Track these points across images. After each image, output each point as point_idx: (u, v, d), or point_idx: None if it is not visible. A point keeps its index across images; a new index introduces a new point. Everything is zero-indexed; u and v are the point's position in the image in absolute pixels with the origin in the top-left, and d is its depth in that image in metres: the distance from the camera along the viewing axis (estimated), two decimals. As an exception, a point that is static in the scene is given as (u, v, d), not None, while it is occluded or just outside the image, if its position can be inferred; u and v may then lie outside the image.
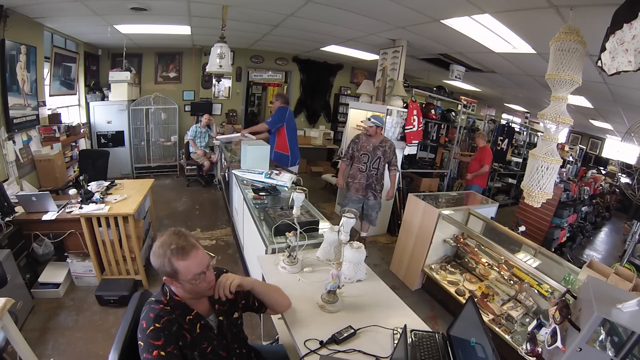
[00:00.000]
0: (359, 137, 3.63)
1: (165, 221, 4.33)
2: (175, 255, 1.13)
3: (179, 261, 1.13)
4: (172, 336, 1.12)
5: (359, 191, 3.64)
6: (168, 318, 1.14)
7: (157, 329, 1.10)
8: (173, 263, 1.13)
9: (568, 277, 2.40)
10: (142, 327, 1.11)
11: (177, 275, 1.14)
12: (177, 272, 1.13)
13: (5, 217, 2.58)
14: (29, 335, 2.25)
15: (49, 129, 4.09)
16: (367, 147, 3.56)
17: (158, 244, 1.15)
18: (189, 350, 1.17)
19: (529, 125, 7.28)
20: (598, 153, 9.84)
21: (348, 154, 3.68)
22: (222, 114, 6.95)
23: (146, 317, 1.13)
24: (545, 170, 2.06)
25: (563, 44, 1.89)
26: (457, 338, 1.36)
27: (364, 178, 3.60)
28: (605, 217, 7.23)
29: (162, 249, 1.14)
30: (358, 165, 3.61)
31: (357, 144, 3.61)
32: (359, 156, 3.59)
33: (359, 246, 1.75)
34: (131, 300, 1.35)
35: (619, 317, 0.99)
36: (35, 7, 3.28)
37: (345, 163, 3.73)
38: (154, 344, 1.08)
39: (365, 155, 3.56)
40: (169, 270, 1.14)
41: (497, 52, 3.76)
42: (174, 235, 1.16)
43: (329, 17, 3.63)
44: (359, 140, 3.61)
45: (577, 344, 1.01)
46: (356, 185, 3.64)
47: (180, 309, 1.19)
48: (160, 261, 1.14)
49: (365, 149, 3.56)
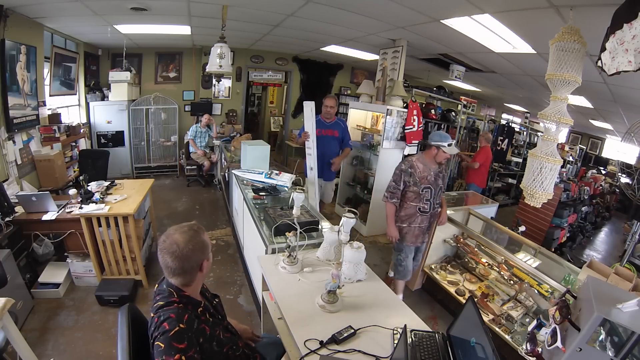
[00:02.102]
0: (414, 166, 2.59)
1: (165, 221, 4.33)
2: (200, 231, 1.23)
3: (204, 234, 1.24)
4: (194, 337, 1.11)
5: (419, 237, 2.74)
6: (188, 315, 1.13)
7: (181, 330, 1.08)
8: (204, 239, 1.22)
9: (568, 277, 2.40)
10: (164, 329, 1.07)
11: (209, 249, 1.25)
12: (209, 245, 1.25)
13: (5, 217, 2.59)
14: (29, 335, 2.25)
15: (49, 129, 4.09)
16: (428, 177, 2.59)
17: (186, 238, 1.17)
18: (209, 343, 1.17)
19: (529, 125, 7.28)
20: (598, 153, 9.84)
21: (398, 191, 2.62)
22: (222, 114, 6.95)
23: (167, 319, 1.09)
24: (549, 171, 2.06)
25: (563, 44, 1.89)
26: (457, 338, 1.36)
27: (426, 220, 2.69)
28: (605, 217, 7.23)
29: (193, 237, 1.18)
30: (417, 205, 2.62)
31: (413, 175, 2.57)
32: (417, 191, 2.59)
33: (359, 246, 1.75)
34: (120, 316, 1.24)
35: (619, 317, 0.99)
36: (35, 7, 3.28)
37: (394, 203, 2.64)
38: (178, 346, 1.04)
39: (428, 189, 2.59)
40: (206, 249, 1.22)
41: (497, 52, 3.76)
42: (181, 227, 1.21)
43: (329, 17, 3.62)
44: (416, 170, 2.58)
45: (577, 344, 1.01)
46: (415, 231, 2.69)
47: (191, 304, 1.19)
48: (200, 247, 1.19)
49: (427, 181, 2.59)
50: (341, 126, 3.85)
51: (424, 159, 2.63)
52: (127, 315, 1.23)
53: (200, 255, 1.19)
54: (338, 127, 3.83)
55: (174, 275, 1.17)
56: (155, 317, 1.13)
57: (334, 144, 3.81)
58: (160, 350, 1.04)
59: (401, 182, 2.59)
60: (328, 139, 3.74)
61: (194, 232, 1.20)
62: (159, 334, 1.07)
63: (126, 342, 1.15)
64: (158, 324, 1.09)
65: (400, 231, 2.69)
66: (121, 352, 1.14)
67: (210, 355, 1.18)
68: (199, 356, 1.10)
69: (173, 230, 1.19)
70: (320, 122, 3.70)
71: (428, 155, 2.63)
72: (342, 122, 3.91)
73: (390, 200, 2.63)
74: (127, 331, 1.18)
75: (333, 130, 3.78)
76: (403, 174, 2.59)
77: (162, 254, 1.16)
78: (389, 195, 2.64)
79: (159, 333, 1.08)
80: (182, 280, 1.18)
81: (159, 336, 1.07)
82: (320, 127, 3.63)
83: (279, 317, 1.71)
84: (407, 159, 2.68)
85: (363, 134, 4.87)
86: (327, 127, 3.75)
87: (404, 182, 2.59)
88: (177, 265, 1.15)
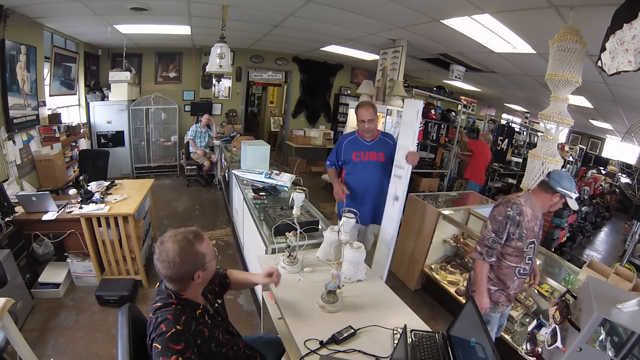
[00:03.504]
0: (523, 212, 1.81)
1: (165, 221, 4.33)
2: (197, 241, 1.18)
3: (201, 244, 1.19)
4: (191, 338, 1.11)
5: (511, 301, 2.05)
6: (186, 317, 1.13)
7: (178, 332, 1.08)
8: (199, 249, 1.18)
9: (568, 277, 2.40)
10: (161, 330, 1.08)
11: (205, 259, 1.19)
12: (205, 256, 1.19)
13: (5, 217, 2.58)
14: (29, 335, 2.25)
15: (49, 129, 4.09)
16: (534, 228, 1.86)
17: (175, 249, 1.13)
18: (207, 344, 1.17)
19: (529, 125, 7.28)
20: (598, 153, 9.83)
21: (498, 246, 1.86)
22: (222, 114, 6.95)
23: (164, 321, 1.10)
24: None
25: (563, 44, 1.89)
26: (457, 338, 1.36)
27: (520, 282, 1.98)
28: (605, 217, 7.23)
29: (186, 247, 1.15)
30: (517, 266, 1.88)
31: (520, 225, 1.81)
32: (522, 248, 1.84)
33: (359, 246, 1.75)
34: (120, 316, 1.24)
35: (619, 317, 0.99)
36: (35, 7, 3.28)
37: (491, 262, 1.89)
38: (174, 348, 1.05)
39: (532, 244, 1.88)
40: (200, 260, 1.17)
41: (497, 52, 3.76)
42: (176, 235, 1.18)
43: (329, 17, 3.62)
44: (524, 218, 1.81)
45: (577, 344, 1.01)
46: (510, 295, 1.97)
47: (189, 306, 1.19)
48: (191, 258, 1.16)
49: (533, 233, 1.86)
50: (390, 144, 2.57)
51: (533, 203, 1.86)
52: (128, 315, 1.23)
53: (190, 267, 1.15)
54: (384, 146, 2.57)
55: (167, 281, 1.18)
56: (153, 317, 1.13)
57: (380, 172, 2.56)
58: (158, 351, 1.05)
59: (505, 233, 1.82)
60: (370, 165, 2.56)
61: (187, 242, 1.15)
62: (156, 335, 1.08)
63: (126, 341, 1.15)
64: (155, 325, 1.10)
65: (492, 295, 1.95)
66: (121, 351, 1.14)
67: (209, 356, 1.18)
68: (197, 357, 1.10)
69: (167, 237, 1.17)
70: (355, 143, 2.62)
71: (541, 200, 1.85)
72: (389, 138, 2.63)
73: (488, 258, 1.86)
74: (127, 331, 1.18)
75: (377, 153, 2.56)
76: (509, 223, 1.80)
77: (155, 259, 1.16)
78: (485, 252, 1.86)
79: (156, 334, 1.08)
80: (175, 286, 1.18)
81: (156, 337, 1.08)
82: (355, 148, 2.59)
83: (279, 317, 1.71)
84: (513, 201, 1.84)
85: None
86: (367, 148, 2.57)
87: (508, 234, 1.83)
88: (167, 274, 1.14)
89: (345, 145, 2.65)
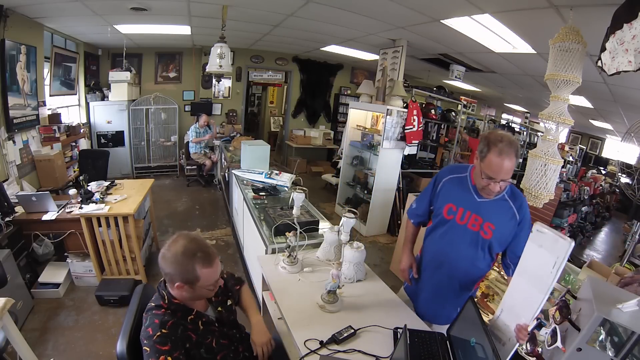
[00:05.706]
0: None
1: (165, 221, 4.33)
2: (201, 262, 1.12)
3: (203, 269, 1.13)
4: (178, 340, 1.12)
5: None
6: (173, 322, 1.14)
7: (164, 335, 1.10)
8: (197, 270, 1.12)
9: (568, 277, 2.40)
10: (148, 333, 1.10)
11: (197, 282, 1.13)
12: (199, 279, 1.13)
13: (5, 217, 2.59)
14: (29, 335, 2.25)
15: (49, 129, 4.09)
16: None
17: (178, 250, 1.12)
18: (196, 349, 1.18)
19: (529, 125, 7.28)
20: (598, 153, 9.83)
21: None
22: (222, 114, 6.95)
23: (151, 324, 1.12)
24: (552, 172, 2.06)
25: (563, 44, 1.89)
26: (457, 338, 1.36)
27: None
28: (605, 217, 7.23)
29: (184, 256, 1.11)
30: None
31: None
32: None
33: (359, 246, 1.75)
34: (133, 296, 1.36)
35: (619, 317, 0.99)
36: (35, 7, 3.28)
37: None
38: (161, 349, 1.08)
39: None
40: (189, 277, 1.12)
41: (497, 52, 3.75)
42: (194, 241, 1.15)
43: (328, 17, 3.62)
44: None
45: (577, 344, 1.01)
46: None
47: (180, 311, 1.19)
48: (182, 268, 1.11)
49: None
50: (511, 213, 1.50)
51: None
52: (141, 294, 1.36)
53: (174, 274, 1.13)
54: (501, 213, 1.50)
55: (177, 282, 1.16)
56: (144, 317, 1.17)
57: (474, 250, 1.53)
58: (147, 354, 1.09)
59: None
60: (464, 233, 1.54)
61: (191, 255, 1.12)
62: (143, 338, 1.11)
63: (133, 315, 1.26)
64: (144, 329, 1.13)
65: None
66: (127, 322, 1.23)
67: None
68: (185, 358, 1.13)
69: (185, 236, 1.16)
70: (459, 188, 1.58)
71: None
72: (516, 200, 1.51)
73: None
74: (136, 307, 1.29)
75: (484, 220, 1.50)
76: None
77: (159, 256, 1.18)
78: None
79: (143, 337, 1.11)
80: (181, 288, 1.18)
81: (144, 340, 1.11)
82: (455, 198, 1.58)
83: (279, 317, 1.71)
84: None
85: (363, 134, 4.87)
86: (473, 207, 1.52)
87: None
88: (160, 262, 1.16)
89: (443, 186, 1.64)
